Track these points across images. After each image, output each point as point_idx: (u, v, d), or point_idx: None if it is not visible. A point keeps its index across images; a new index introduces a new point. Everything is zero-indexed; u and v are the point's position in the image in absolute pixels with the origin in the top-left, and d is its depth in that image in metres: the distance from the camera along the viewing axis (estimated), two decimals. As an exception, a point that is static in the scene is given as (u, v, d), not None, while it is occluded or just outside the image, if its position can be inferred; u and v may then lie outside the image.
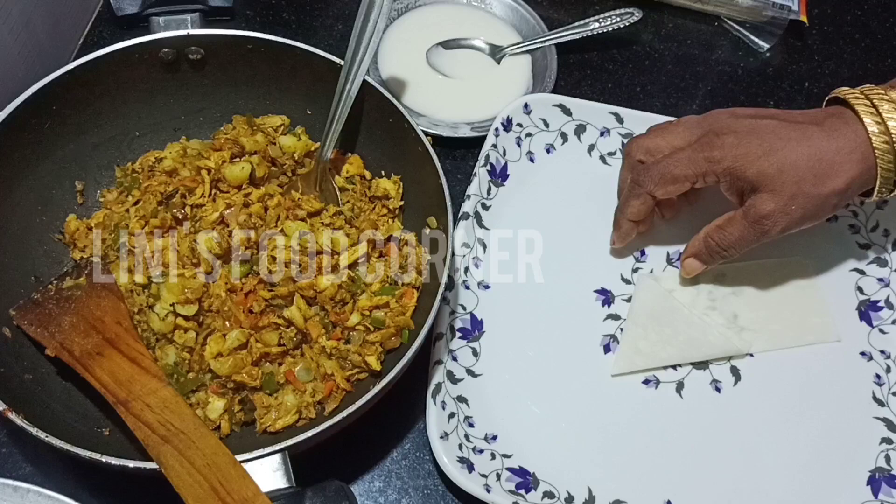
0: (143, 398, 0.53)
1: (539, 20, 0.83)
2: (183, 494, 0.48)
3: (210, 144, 0.67)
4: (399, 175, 0.67)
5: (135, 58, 0.65)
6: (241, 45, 0.66)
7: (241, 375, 0.58)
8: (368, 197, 0.67)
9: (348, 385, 0.59)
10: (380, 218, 0.65)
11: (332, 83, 0.64)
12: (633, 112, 0.77)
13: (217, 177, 0.64)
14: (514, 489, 0.60)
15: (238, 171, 0.64)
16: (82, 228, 0.65)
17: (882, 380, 0.68)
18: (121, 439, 0.55)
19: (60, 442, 0.50)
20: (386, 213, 0.66)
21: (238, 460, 0.50)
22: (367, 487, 0.61)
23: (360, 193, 0.66)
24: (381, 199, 0.67)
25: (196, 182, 0.63)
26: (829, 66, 0.87)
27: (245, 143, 0.66)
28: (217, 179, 0.64)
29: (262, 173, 0.65)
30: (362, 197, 0.66)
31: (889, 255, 0.73)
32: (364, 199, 0.66)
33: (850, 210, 0.75)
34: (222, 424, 0.58)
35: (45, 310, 0.59)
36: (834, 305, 0.71)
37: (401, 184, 0.66)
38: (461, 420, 0.62)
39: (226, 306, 0.59)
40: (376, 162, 0.69)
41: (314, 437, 0.51)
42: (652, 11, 0.88)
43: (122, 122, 0.68)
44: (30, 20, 0.71)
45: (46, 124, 0.63)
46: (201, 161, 0.65)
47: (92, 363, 0.55)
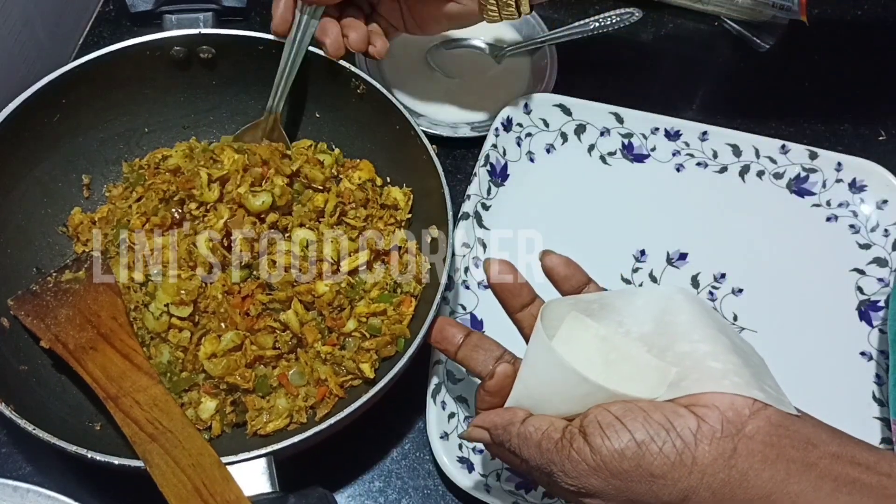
0: (133, 395, 0.49)
1: (539, 20, 0.79)
2: (166, 493, 0.44)
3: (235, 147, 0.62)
4: (405, 182, 0.62)
5: (146, 55, 0.61)
6: (253, 45, 0.62)
7: (235, 377, 0.53)
8: (380, 204, 0.62)
9: (341, 391, 0.55)
10: (386, 227, 0.60)
11: (340, 86, 0.60)
12: (633, 112, 0.72)
13: (222, 179, 0.59)
14: (514, 489, 0.56)
15: (258, 203, 0.57)
16: (86, 222, 0.60)
17: (882, 380, 0.63)
18: (111, 435, 0.51)
19: (47, 435, 0.46)
20: (393, 223, 0.61)
21: (223, 462, 0.45)
22: (367, 487, 0.57)
23: (372, 201, 0.61)
24: (389, 208, 0.62)
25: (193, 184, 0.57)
26: (830, 66, 0.82)
27: (283, 166, 0.60)
28: (224, 180, 0.59)
29: (283, 202, 0.58)
30: (374, 204, 0.61)
31: (889, 255, 0.68)
32: (376, 206, 0.61)
33: (850, 210, 0.70)
34: (213, 425, 0.53)
35: (43, 301, 0.54)
36: (833, 305, 0.66)
37: (411, 196, 0.61)
38: (461, 420, 0.58)
39: (222, 308, 0.54)
40: (380, 167, 0.64)
41: (302, 442, 0.47)
42: (652, 11, 0.83)
43: (132, 119, 0.64)
44: (30, 20, 0.67)
45: (55, 118, 0.59)
46: (212, 168, 0.59)
47: (85, 357, 0.51)
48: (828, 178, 0.70)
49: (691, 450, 0.36)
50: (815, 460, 0.36)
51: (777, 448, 0.36)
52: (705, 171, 0.71)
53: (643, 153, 0.71)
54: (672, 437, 0.36)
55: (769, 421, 0.37)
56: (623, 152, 0.71)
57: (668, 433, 0.36)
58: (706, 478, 0.36)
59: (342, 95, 0.61)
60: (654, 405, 0.38)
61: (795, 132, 0.74)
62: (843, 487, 0.36)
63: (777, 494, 0.36)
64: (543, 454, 0.39)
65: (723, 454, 0.36)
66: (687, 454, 0.36)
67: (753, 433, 0.36)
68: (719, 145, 0.71)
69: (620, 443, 0.37)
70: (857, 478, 0.36)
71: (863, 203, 0.69)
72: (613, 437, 0.37)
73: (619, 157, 0.71)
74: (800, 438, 0.37)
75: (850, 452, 0.37)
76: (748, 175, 0.70)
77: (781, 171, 0.70)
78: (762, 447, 0.36)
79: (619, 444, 0.37)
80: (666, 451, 0.36)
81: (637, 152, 0.71)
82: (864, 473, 0.36)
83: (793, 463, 0.36)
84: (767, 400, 0.37)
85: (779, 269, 0.67)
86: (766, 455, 0.36)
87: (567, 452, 0.38)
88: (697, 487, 0.36)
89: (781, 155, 0.70)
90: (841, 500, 0.36)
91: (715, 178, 0.70)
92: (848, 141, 0.76)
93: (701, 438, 0.36)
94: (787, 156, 0.70)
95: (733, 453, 0.36)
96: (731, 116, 0.75)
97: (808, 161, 0.70)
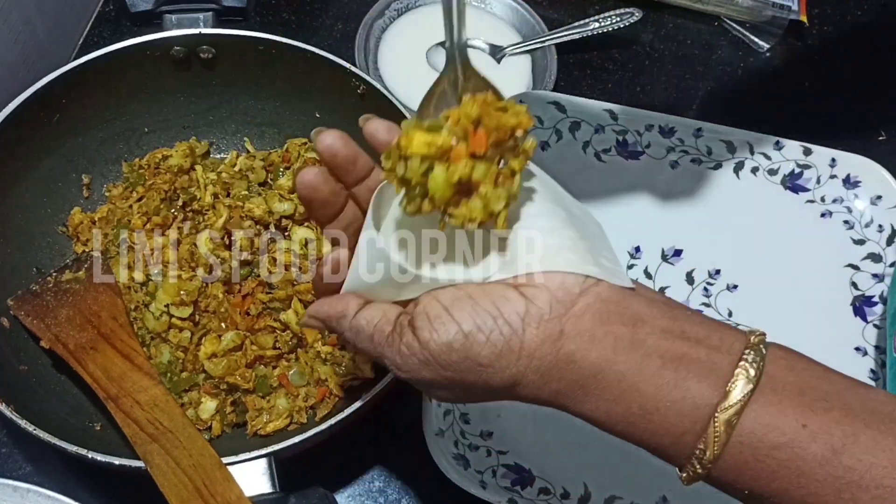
0: (134, 395, 0.48)
1: (539, 20, 0.78)
2: (167, 494, 0.43)
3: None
4: None
5: (146, 55, 0.60)
6: (253, 45, 0.61)
7: (235, 377, 0.53)
8: None
9: (341, 391, 0.54)
10: None
11: (341, 87, 0.60)
12: (627, 109, 0.71)
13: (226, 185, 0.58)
14: (509, 486, 0.55)
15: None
16: (86, 222, 0.60)
17: (877, 375, 0.62)
18: (112, 435, 0.50)
19: (48, 435, 0.45)
20: None
21: (224, 463, 0.45)
22: (368, 487, 0.56)
23: None
24: None
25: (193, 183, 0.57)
26: (830, 66, 0.81)
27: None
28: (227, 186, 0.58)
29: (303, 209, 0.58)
30: None
31: (883, 251, 0.67)
32: None
33: (844, 206, 0.69)
34: (213, 425, 0.53)
35: (43, 301, 0.54)
36: (828, 301, 0.65)
37: None
38: (456, 417, 0.57)
39: (222, 307, 0.54)
40: None
41: (302, 442, 0.47)
42: (652, 11, 0.82)
43: (132, 118, 0.63)
44: (30, 20, 0.66)
45: (55, 117, 0.58)
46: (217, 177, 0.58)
47: (85, 357, 0.50)
48: (822, 174, 0.69)
49: (519, 335, 0.34)
50: (643, 337, 0.34)
51: (605, 325, 0.34)
52: (700, 168, 0.70)
53: (637, 150, 0.71)
54: (500, 325, 0.34)
55: (599, 297, 0.35)
56: (617, 149, 0.70)
57: (496, 321, 0.34)
58: (534, 361, 0.34)
59: (343, 96, 0.61)
60: (484, 290, 0.35)
61: (795, 132, 0.73)
62: (669, 364, 0.34)
63: (604, 374, 0.34)
64: (376, 347, 0.37)
65: (550, 336, 0.34)
66: (515, 340, 0.34)
67: (582, 312, 0.34)
68: (713, 142, 0.70)
69: (448, 335, 0.35)
70: (685, 353, 0.34)
71: (857, 199, 0.68)
72: (441, 329, 0.35)
73: (614, 154, 0.70)
74: (630, 315, 0.35)
75: (680, 327, 0.35)
76: (742, 171, 0.70)
77: (776, 167, 0.70)
78: (590, 325, 0.34)
79: (447, 336, 0.35)
80: (493, 339, 0.34)
81: (631, 149, 0.71)
82: (692, 348, 0.34)
83: (620, 340, 0.34)
84: (601, 275, 0.35)
85: (773, 265, 0.66)
86: (593, 334, 0.34)
87: (397, 347, 0.36)
88: (525, 371, 0.35)
89: (776, 151, 0.70)
90: (666, 376, 0.34)
91: (709, 175, 0.70)
92: (847, 141, 0.75)
93: (529, 322, 0.34)
94: (781, 152, 0.69)
95: (560, 335, 0.34)
96: (732, 116, 0.74)
97: (803, 157, 0.69)
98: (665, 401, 0.34)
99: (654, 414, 0.34)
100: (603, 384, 0.34)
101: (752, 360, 0.34)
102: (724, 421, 0.33)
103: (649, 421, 0.34)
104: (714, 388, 0.33)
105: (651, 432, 0.35)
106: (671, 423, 0.34)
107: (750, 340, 0.35)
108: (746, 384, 0.33)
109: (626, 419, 0.35)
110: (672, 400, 0.34)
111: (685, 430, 0.34)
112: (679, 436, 0.34)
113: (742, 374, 0.33)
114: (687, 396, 0.33)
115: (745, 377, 0.33)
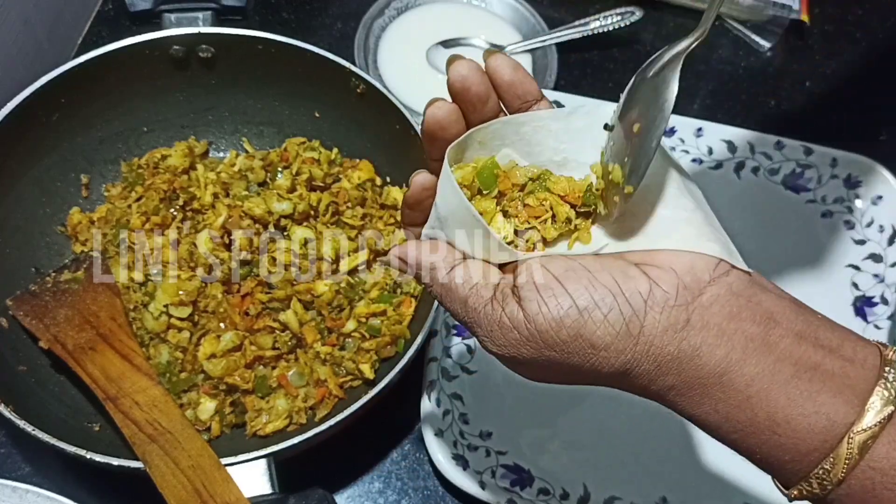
0: (133, 395, 0.48)
1: (539, 19, 0.77)
2: (166, 495, 0.43)
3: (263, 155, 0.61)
4: (405, 182, 0.61)
5: (145, 53, 0.60)
6: (252, 44, 0.61)
7: (234, 377, 0.53)
8: (380, 204, 0.61)
9: (341, 392, 0.54)
10: (386, 227, 0.59)
11: (340, 86, 0.59)
12: None
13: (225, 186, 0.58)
14: (508, 486, 0.55)
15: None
16: (85, 222, 0.59)
17: None
18: (110, 436, 0.50)
19: (47, 436, 0.45)
20: (393, 223, 0.60)
21: (223, 463, 0.45)
22: (367, 488, 0.56)
23: (371, 200, 0.60)
24: (389, 208, 0.60)
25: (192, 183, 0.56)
26: (831, 65, 0.81)
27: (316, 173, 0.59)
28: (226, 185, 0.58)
29: (302, 209, 0.57)
30: (374, 204, 0.60)
31: (884, 251, 0.67)
32: (375, 205, 0.60)
33: (845, 206, 0.69)
34: (213, 426, 0.53)
35: (42, 302, 0.54)
36: (829, 301, 0.65)
37: None
38: (456, 417, 0.57)
39: (221, 307, 0.54)
40: (380, 167, 0.63)
41: (301, 443, 0.46)
42: (652, 11, 0.82)
43: (131, 118, 0.63)
44: (29, 19, 0.66)
45: (54, 117, 0.58)
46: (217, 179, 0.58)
47: (84, 357, 0.50)
48: (823, 174, 0.69)
49: (640, 318, 0.30)
50: (776, 339, 0.31)
51: (736, 321, 0.31)
52: (700, 168, 0.70)
53: (639, 150, 0.70)
54: (620, 303, 0.30)
55: (730, 289, 0.31)
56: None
57: (616, 298, 0.31)
58: (652, 349, 0.31)
59: (342, 95, 0.60)
60: (601, 263, 0.32)
61: (795, 132, 0.73)
62: (802, 374, 0.30)
63: (730, 375, 0.31)
64: (469, 313, 0.33)
65: (674, 325, 0.31)
66: (635, 323, 0.31)
67: (711, 303, 0.31)
68: (714, 141, 0.70)
69: (560, 310, 0.31)
70: (820, 363, 0.31)
71: (858, 199, 0.68)
72: (552, 302, 0.31)
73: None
74: (762, 312, 0.31)
75: (814, 332, 0.31)
76: (743, 171, 0.70)
77: (776, 167, 0.69)
78: (719, 319, 0.31)
79: (559, 311, 0.31)
80: (612, 318, 0.30)
81: (633, 149, 0.70)
82: (826, 357, 0.31)
83: (751, 341, 0.31)
84: (723, 254, 0.32)
85: (774, 264, 0.66)
86: (722, 329, 0.31)
87: (497, 317, 0.32)
88: (640, 360, 0.31)
89: (776, 151, 0.69)
90: (800, 386, 0.30)
91: (710, 175, 0.69)
92: (848, 141, 0.75)
93: (652, 305, 0.31)
94: (781, 152, 0.69)
95: (686, 325, 0.31)
96: (732, 116, 0.75)
97: (803, 157, 0.69)
98: (796, 414, 0.30)
99: (783, 426, 0.30)
100: (727, 386, 0.31)
101: (893, 378, 0.30)
102: (859, 443, 0.30)
103: (774, 432, 0.31)
104: (850, 406, 0.30)
105: (773, 445, 0.31)
106: (800, 439, 0.30)
107: (887, 356, 0.31)
108: (885, 405, 0.30)
109: (747, 428, 0.31)
110: (804, 413, 0.30)
111: (813, 448, 0.30)
112: (805, 453, 0.31)
113: (881, 393, 0.30)
114: (821, 412, 0.30)
115: (883, 398, 0.30)
